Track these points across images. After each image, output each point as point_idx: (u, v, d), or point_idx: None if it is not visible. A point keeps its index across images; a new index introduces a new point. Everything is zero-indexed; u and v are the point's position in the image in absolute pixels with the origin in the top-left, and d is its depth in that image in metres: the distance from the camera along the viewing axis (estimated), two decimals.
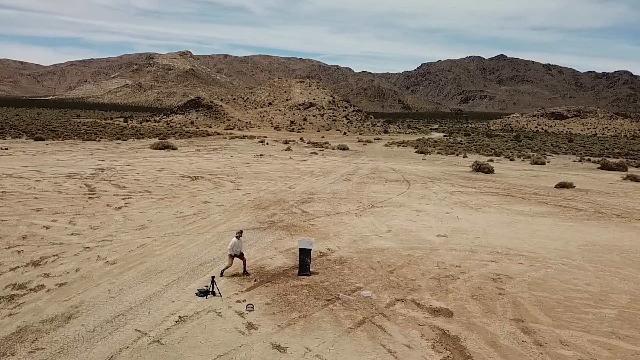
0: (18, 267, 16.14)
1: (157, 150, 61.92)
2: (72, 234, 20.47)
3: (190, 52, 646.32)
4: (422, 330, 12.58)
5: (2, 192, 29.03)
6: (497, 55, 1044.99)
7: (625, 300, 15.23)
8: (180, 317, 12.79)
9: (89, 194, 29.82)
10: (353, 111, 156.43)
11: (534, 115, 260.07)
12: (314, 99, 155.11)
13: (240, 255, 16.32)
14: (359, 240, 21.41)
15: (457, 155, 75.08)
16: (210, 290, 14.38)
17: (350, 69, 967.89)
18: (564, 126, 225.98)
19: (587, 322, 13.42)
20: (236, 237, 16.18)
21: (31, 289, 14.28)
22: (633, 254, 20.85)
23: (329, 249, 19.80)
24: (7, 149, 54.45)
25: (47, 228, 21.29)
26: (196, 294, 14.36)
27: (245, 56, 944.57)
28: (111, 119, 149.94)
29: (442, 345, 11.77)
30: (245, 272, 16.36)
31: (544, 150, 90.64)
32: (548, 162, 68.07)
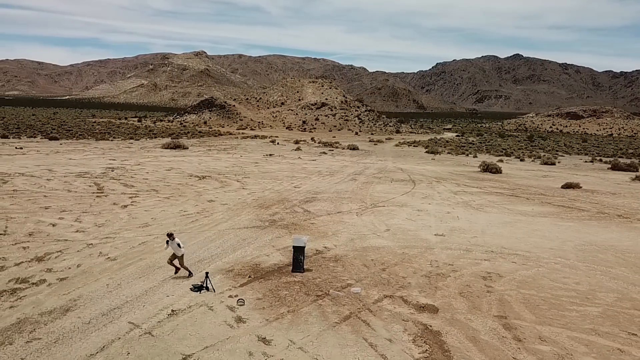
0: (22, 262, 16.81)
1: (168, 150, 62.75)
2: (77, 231, 21.14)
3: (205, 52, 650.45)
4: (405, 325, 12.98)
5: (14, 190, 29.87)
6: (513, 55, 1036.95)
7: (612, 299, 15.47)
8: (172, 310, 13.32)
9: (97, 192, 30.56)
10: (365, 111, 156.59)
11: (549, 115, 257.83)
12: (326, 99, 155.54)
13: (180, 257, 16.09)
14: (356, 239, 21.81)
15: (467, 155, 75.00)
16: (205, 285, 14.90)
17: (365, 69, 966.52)
18: (580, 126, 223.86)
19: (569, 319, 13.72)
20: (169, 241, 15.94)
21: (33, 283, 14.91)
22: (628, 254, 21.01)
23: (325, 247, 20.23)
24: (21, 148, 55.60)
25: (53, 225, 21.99)
26: (190, 289, 14.89)
27: (259, 56, 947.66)
28: (125, 118, 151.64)
29: (422, 340, 12.16)
30: (177, 270, 16.28)
31: (556, 151, 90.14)
32: (559, 162, 67.78)
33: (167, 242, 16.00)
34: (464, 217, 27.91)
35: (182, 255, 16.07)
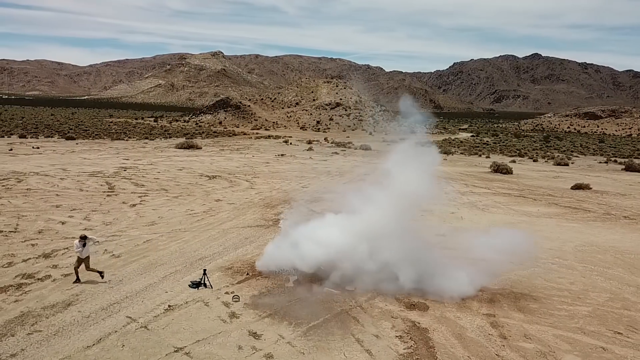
0: (30, 258, 17.45)
1: (182, 150, 63.56)
2: (85, 229, 21.72)
3: (222, 52, 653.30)
4: (394, 322, 13.32)
5: (27, 189, 30.68)
6: (532, 54, 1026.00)
7: (603, 299, 15.65)
8: (169, 306, 13.81)
9: (108, 191, 31.26)
10: (380, 111, 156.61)
11: (567, 115, 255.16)
12: (341, 99, 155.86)
13: (85, 259, 15.65)
14: None
15: (480, 155, 74.87)
16: (202, 282, 15.38)
17: (381, 68, 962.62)
18: (598, 126, 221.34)
19: (557, 318, 13.94)
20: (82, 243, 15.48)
21: (38, 279, 15.52)
22: (627, 255, 21.09)
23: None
24: (38, 147, 56.75)
25: (62, 223, 22.67)
26: (189, 285, 15.37)
27: (276, 56, 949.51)
28: (142, 118, 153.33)
29: (408, 336, 12.50)
30: (78, 279, 15.55)
31: (571, 151, 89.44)
32: (572, 163, 67.40)
33: (84, 244, 15.42)
34: (468, 217, 28.11)
35: (88, 257, 15.66)
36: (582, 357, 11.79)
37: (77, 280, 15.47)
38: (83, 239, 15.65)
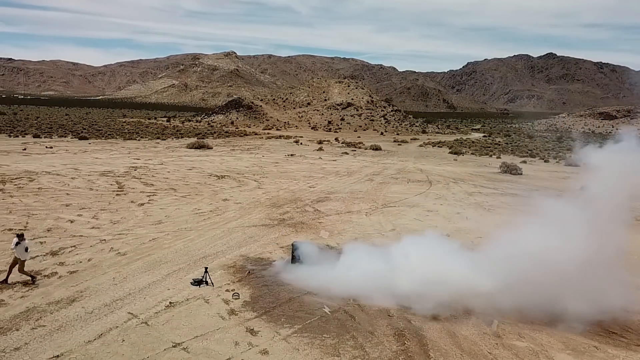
0: (37, 256, 17.89)
1: (193, 150, 64.07)
2: (92, 228, 22.21)
3: (234, 53, 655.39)
4: (390, 320, 13.53)
5: (39, 188, 31.25)
6: (547, 54, 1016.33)
7: None
8: (170, 302, 14.14)
9: (118, 191, 31.74)
10: (391, 111, 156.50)
11: (581, 115, 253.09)
12: (352, 99, 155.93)
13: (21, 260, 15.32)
14: (360, 238, 22.35)
15: (491, 156, 74.59)
16: (204, 280, 15.69)
17: (394, 68, 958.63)
18: (613, 127, 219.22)
19: (553, 318, 14.05)
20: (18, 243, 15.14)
21: (45, 276, 15.93)
22: (631, 256, 21.09)
23: (327, 246, 20.83)
24: (51, 147, 57.56)
25: (71, 222, 23.12)
26: (191, 283, 15.70)
27: (289, 56, 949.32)
28: (155, 118, 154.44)
29: (403, 334, 12.71)
30: (5, 281, 15.09)
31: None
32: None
33: (17, 243, 15.11)
34: (474, 218, 28.18)
35: (25, 261, 15.40)
36: (574, 356, 11.92)
37: (5, 281, 15.03)
38: (19, 237, 15.28)
